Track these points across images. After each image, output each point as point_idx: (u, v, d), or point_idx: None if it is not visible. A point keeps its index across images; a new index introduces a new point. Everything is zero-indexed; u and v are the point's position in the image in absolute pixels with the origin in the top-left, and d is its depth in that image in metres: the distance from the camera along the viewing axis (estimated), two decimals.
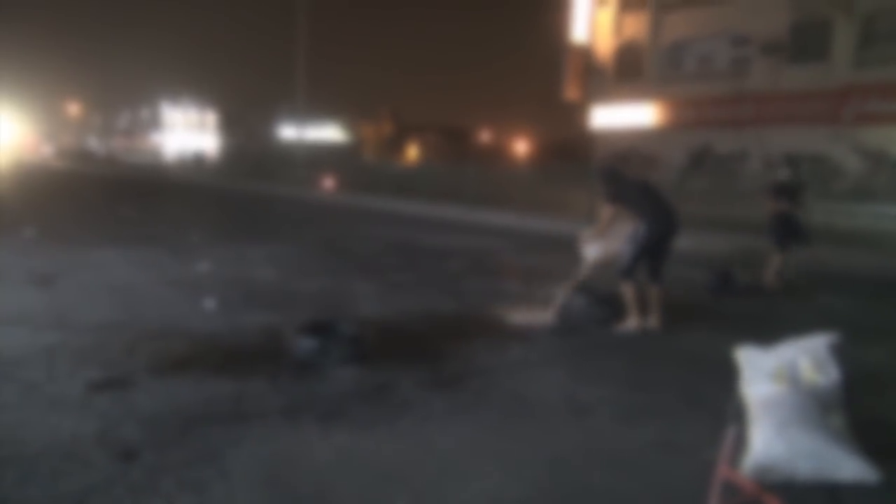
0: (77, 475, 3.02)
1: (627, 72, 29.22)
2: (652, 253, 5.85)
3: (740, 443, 2.97)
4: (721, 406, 3.29)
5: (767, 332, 3.28)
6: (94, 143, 71.21)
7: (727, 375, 3.32)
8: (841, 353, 3.30)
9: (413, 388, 4.28)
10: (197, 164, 44.37)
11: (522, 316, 6.18)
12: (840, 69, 21.96)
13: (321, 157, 35.09)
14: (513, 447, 3.50)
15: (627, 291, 5.79)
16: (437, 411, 3.94)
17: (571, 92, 30.51)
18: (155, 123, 64.53)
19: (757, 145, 23.51)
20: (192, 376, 4.34)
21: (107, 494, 2.88)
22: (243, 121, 64.03)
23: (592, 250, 6.15)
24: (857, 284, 8.20)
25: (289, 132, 53.69)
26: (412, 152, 62.84)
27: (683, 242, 12.09)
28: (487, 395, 4.25)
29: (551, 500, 3.00)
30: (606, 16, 29.80)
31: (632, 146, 28.37)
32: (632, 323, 5.80)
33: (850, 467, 2.93)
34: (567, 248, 11.78)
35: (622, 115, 28.85)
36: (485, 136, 68.34)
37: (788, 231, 8.40)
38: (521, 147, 58.64)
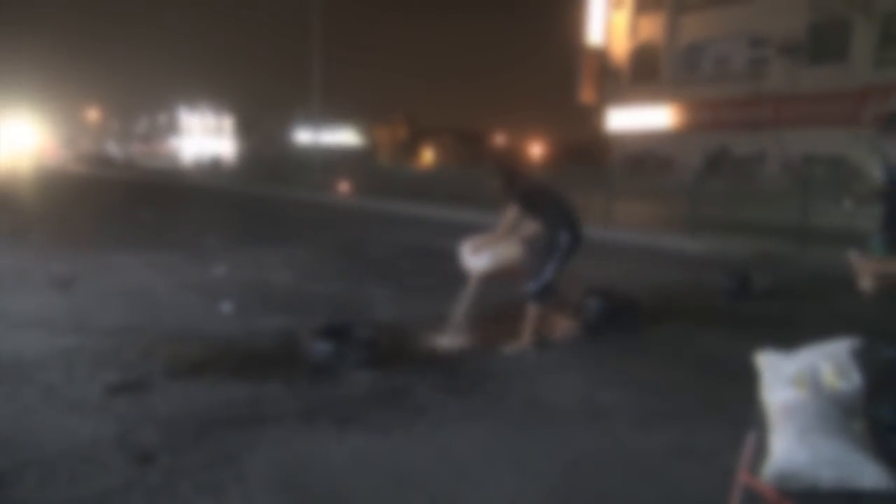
0: (96, 478, 3.04)
1: (643, 74, 29.10)
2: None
3: (761, 449, 2.93)
4: (740, 411, 3.25)
5: (788, 336, 3.24)
6: (112, 149, 72.03)
7: (746, 380, 3.28)
8: (864, 358, 3.25)
9: (429, 392, 4.27)
10: (214, 168, 44.71)
11: (449, 340, 5.36)
12: (859, 69, 21.72)
13: (336, 161, 35.23)
14: (529, 452, 3.48)
15: (535, 311, 5.19)
16: (453, 415, 3.93)
17: (587, 94, 30.47)
18: (172, 128, 65.23)
19: (775, 147, 23.29)
20: (209, 379, 4.37)
21: (125, 497, 2.90)
22: (259, 125, 64.53)
23: (482, 260, 5.31)
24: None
25: (304, 136, 54.00)
26: (427, 156, 62.92)
27: (700, 245, 12.06)
28: (503, 399, 4.23)
29: None
30: (622, 18, 29.71)
31: (647, 148, 28.24)
32: (523, 342, 5.21)
33: (873, 475, 2.88)
34: (584, 250, 11.73)
35: (638, 118, 28.74)
36: (499, 138, 68.32)
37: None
38: (535, 150, 58.55)
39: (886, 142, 18.77)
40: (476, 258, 5.33)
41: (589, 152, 43.92)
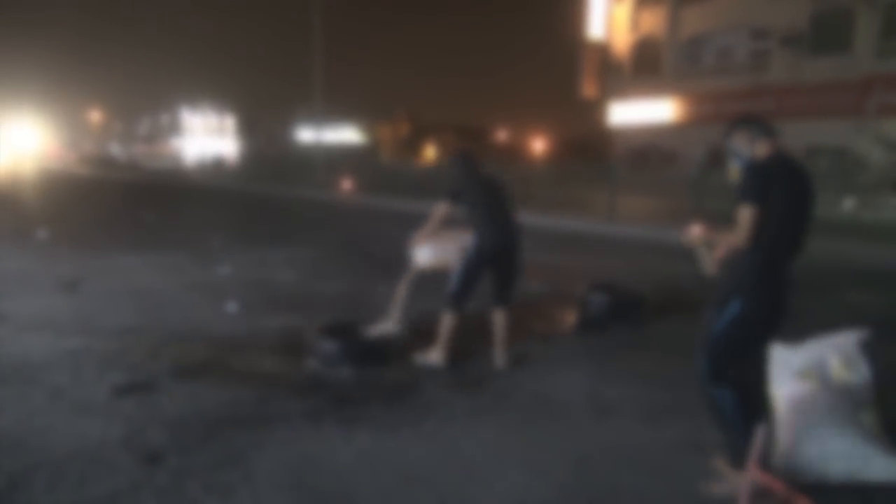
0: (104, 479, 3.05)
1: (645, 68, 28.99)
2: (491, 274, 4.79)
3: (769, 443, 2.92)
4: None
5: (794, 329, 3.23)
6: (115, 150, 72.18)
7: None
8: (871, 350, 3.23)
9: (435, 390, 4.27)
10: (216, 168, 44.75)
11: (376, 328, 5.20)
12: (862, 60, 21.60)
13: (339, 159, 35.20)
14: (537, 448, 3.48)
15: (446, 319, 4.70)
16: (460, 413, 3.93)
17: (588, 89, 30.37)
18: (175, 129, 65.28)
19: (778, 139, 23.19)
20: (216, 380, 4.37)
21: (134, 499, 2.91)
22: (262, 124, 64.60)
23: (424, 253, 5.10)
24: (885, 279, 8.05)
25: (307, 135, 53.99)
26: (429, 152, 62.85)
27: None
28: (510, 395, 4.23)
29: (576, 501, 2.98)
30: (623, 11, 29.59)
31: (650, 142, 28.17)
32: (434, 356, 4.73)
33: (882, 466, 2.87)
34: (589, 245, 11.75)
35: (640, 112, 28.64)
36: (502, 134, 68.23)
37: None
38: (538, 145, 58.47)
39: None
40: (419, 250, 5.10)
41: (591, 147, 43.84)
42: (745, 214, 2.79)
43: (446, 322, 4.71)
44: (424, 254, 5.11)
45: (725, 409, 2.93)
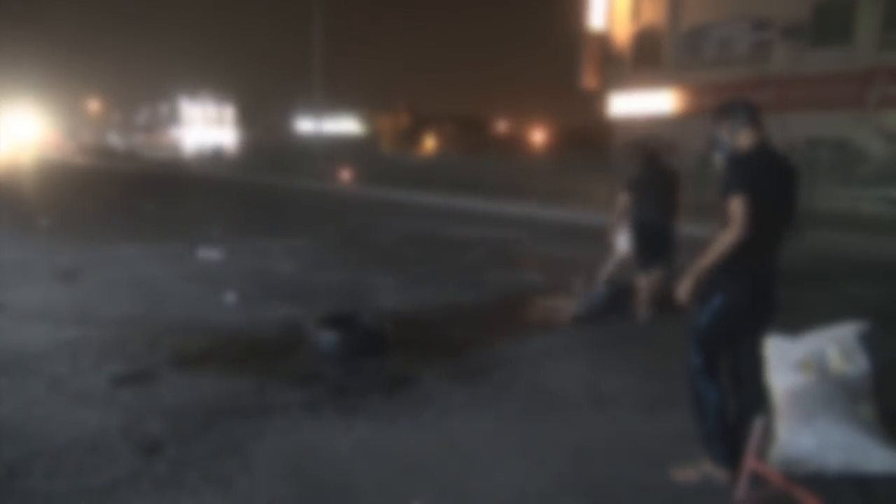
0: (103, 468, 3.06)
1: (645, 58, 28.88)
2: (651, 244, 5.90)
3: (767, 434, 2.92)
4: (746, 396, 3.24)
5: (793, 320, 3.22)
6: (114, 140, 71.98)
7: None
8: (870, 342, 3.23)
9: (434, 381, 4.27)
10: (215, 158, 44.60)
11: (553, 304, 6.02)
12: (864, 51, 21.52)
13: (339, 149, 35.09)
14: (536, 439, 3.48)
15: (641, 281, 5.92)
16: (459, 403, 3.93)
17: (589, 80, 30.28)
18: (174, 119, 64.99)
19: (779, 131, 23.13)
20: (214, 369, 4.37)
21: (132, 488, 2.91)
22: (261, 115, 64.34)
23: (623, 241, 6.12)
24: (885, 272, 8.03)
25: (306, 125, 53.76)
26: (429, 143, 62.68)
27: (705, 230, 12.00)
28: (509, 386, 4.23)
29: (575, 492, 2.98)
30: (623, 2, 29.45)
31: (651, 133, 28.10)
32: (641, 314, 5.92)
33: (881, 459, 2.87)
34: (588, 237, 11.72)
35: (641, 103, 28.55)
36: (502, 126, 68.05)
37: None
38: (538, 136, 58.34)
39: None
40: (620, 238, 6.16)
41: (590, 138, 43.75)
42: (737, 206, 2.78)
43: (641, 283, 5.85)
44: (623, 242, 6.10)
45: (708, 406, 3.00)
